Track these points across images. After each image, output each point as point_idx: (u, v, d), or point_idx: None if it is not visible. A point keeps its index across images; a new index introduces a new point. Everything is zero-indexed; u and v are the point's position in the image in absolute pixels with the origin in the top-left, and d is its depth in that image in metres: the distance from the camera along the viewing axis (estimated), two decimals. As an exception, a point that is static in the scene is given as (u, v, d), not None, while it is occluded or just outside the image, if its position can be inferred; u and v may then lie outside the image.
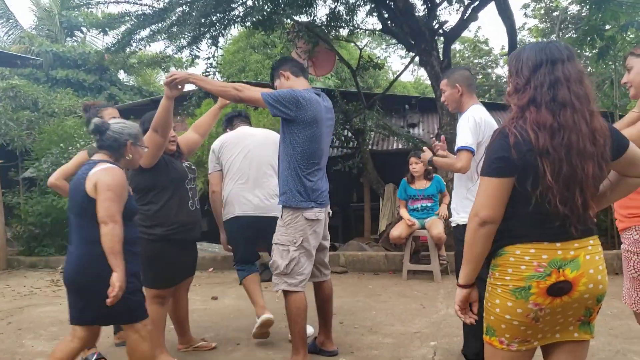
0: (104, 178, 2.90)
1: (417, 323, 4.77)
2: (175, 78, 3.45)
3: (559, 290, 1.92)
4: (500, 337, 2.03)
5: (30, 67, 16.78)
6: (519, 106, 1.97)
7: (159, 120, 3.53)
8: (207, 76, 8.79)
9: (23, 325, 5.15)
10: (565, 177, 1.88)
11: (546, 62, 1.96)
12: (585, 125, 1.90)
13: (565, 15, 20.28)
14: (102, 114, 4.13)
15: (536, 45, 2.03)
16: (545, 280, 1.91)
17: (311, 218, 3.62)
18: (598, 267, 1.97)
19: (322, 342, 4.01)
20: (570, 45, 7.84)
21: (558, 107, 1.91)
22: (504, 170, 1.92)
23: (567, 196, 1.89)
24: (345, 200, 12.48)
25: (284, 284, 3.64)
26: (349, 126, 9.43)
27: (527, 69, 1.99)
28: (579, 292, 1.94)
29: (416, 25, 8.51)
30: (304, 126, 3.55)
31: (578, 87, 1.93)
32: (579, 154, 1.89)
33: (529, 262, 1.93)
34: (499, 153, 1.93)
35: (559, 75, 1.93)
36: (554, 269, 1.91)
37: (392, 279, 6.83)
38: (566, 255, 1.93)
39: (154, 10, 8.22)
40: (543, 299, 1.92)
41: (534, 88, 1.95)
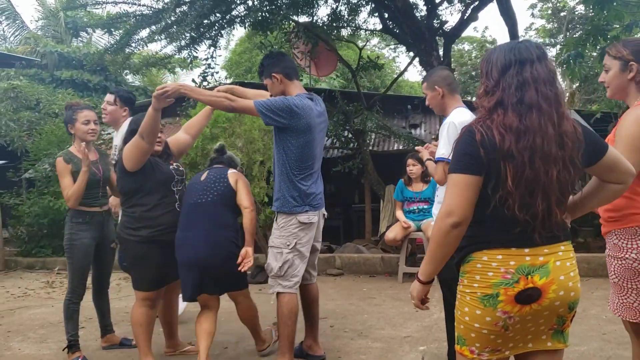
0: (242, 177, 3.90)
1: (408, 327, 4.71)
2: (166, 91, 3.42)
3: (528, 297, 1.86)
4: (470, 346, 1.97)
5: (35, 68, 16.84)
6: (487, 108, 1.90)
7: (145, 128, 3.51)
8: (205, 77, 8.78)
9: (13, 328, 5.13)
10: (528, 181, 1.82)
11: (515, 63, 1.89)
12: (552, 127, 1.83)
13: (572, 16, 20.15)
14: (77, 115, 4.12)
15: (506, 46, 1.96)
16: (513, 287, 1.85)
17: (305, 221, 3.64)
18: (569, 274, 1.91)
19: (310, 346, 3.97)
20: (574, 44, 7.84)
21: (525, 109, 1.84)
22: (473, 167, 1.85)
23: (529, 202, 1.83)
24: (347, 201, 12.44)
25: (278, 286, 3.65)
26: (349, 127, 9.35)
27: (496, 70, 1.92)
28: (549, 299, 1.87)
29: (416, 25, 8.44)
30: (297, 134, 3.54)
31: (547, 89, 1.87)
32: (543, 157, 1.82)
33: (496, 269, 1.87)
34: (466, 149, 1.87)
35: (527, 76, 1.87)
36: (521, 276, 1.85)
37: (387, 282, 6.76)
38: (535, 261, 1.86)
39: (152, 10, 8.18)
40: (511, 307, 1.86)
41: (501, 90, 1.89)
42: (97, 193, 4.15)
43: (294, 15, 8.92)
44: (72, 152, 4.16)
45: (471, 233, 1.93)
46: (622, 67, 2.50)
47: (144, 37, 8.57)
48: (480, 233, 1.92)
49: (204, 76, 8.82)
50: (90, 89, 17.47)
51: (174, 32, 8.17)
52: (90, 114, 4.20)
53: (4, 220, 9.50)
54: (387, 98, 11.11)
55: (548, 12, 21.90)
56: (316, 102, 3.74)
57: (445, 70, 3.55)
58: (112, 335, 4.47)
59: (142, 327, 3.75)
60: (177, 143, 4.13)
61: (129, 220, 3.72)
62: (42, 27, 20.31)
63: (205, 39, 8.83)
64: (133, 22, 8.30)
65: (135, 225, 3.69)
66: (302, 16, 9.33)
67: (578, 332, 4.33)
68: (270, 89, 3.75)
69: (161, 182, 3.75)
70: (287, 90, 3.70)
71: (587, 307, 5.05)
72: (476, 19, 8.85)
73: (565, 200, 1.93)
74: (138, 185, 3.68)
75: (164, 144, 3.90)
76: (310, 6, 9.07)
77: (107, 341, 4.44)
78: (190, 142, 4.34)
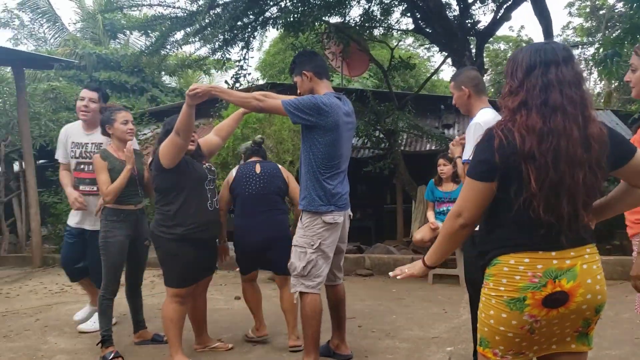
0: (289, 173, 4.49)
1: (436, 328, 4.69)
2: (197, 92, 3.50)
3: (555, 301, 1.84)
4: (494, 348, 1.97)
5: (74, 69, 17.24)
6: (511, 109, 1.90)
7: (181, 125, 3.60)
8: (237, 78, 8.88)
9: (49, 323, 5.28)
10: (553, 183, 1.80)
11: (540, 64, 1.88)
12: (577, 130, 1.82)
13: (612, 14, 19.71)
14: (116, 116, 4.21)
15: (533, 47, 1.95)
16: (540, 291, 1.84)
17: (330, 222, 3.64)
18: (596, 277, 1.89)
19: (337, 345, 3.99)
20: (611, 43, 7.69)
21: (549, 110, 1.83)
22: (485, 174, 1.88)
23: (555, 204, 1.81)
24: (379, 201, 12.43)
25: (301, 286, 3.66)
26: (381, 127, 9.34)
27: (521, 71, 1.92)
28: (577, 303, 1.86)
29: (448, 25, 8.42)
30: (325, 132, 3.56)
31: (573, 91, 1.85)
32: (568, 160, 1.80)
33: (524, 272, 1.86)
34: (482, 156, 1.89)
35: (551, 78, 1.86)
36: (549, 279, 1.84)
37: (417, 283, 6.74)
38: (562, 264, 1.85)
39: (187, 13, 8.33)
40: (538, 311, 1.85)
41: (526, 91, 1.88)
42: (132, 191, 4.24)
43: (326, 16, 8.96)
44: (108, 150, 4.26)
45: (497, 236, 1.94)
46: None
47: (179, 39, 8.76)
48: (506, 236, 1.91)
49: (236, 77, 8.94)
50: (128, 90, 17.83)
51: (207, 34, 8.31)
52: (128, 115, 4.30)
53: (42, 218, 9.76)
54: (420, 98, 11.06)
55: (586, 11, 21.49)
56: (344, 102, 3.76)
57: (473, 70, 3.54)
58: (145, 331, 4.57)
59: (173, 323, 3.84)
60: (207, 144, 4.22)
61: (163, 218, 3.82)
62: (81, 30, 20.80)
63: (238, 41, 8.95)
64: (168, 24, 8.47)
65: (169, 223, 3.78)
66: (335, 17, 9.38)
67: (610, 336, 4.26)
68: (300, 86, 3.78)
69: (195, 180, 3.84)
70: (316, 88, 3.73)
71: (620, 311, 4.96)
72: (509, 19, 8.77)
73: (591, 202, 1.90)
74: (173, 182, 3.77)
75: (197, 143, 3.99)
76: (342, 7, 9.12)
77: (139, 337, 4.54)
78: (221, 143, 4.42)
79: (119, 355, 4.08)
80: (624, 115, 11.93)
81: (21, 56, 9.87)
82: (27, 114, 9.54)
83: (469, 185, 1.93)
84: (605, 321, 4.63)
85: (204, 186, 3.90)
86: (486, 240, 1.97)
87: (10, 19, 19.79)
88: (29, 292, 7.05)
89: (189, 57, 10.28)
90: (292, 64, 3.85)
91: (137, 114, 11.17)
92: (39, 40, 20.64)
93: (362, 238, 10.34)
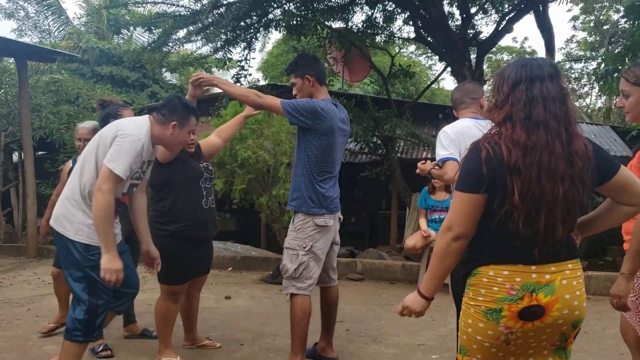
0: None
1: (423, 335, 4.73)
2: (200, 79, 3.54)
3: (532, 314, 1.87)
4: (472, 357, 2.00)
5: (77, 63, 17.28)
6: (496, 122, 1.94)
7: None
8: (238, 78, 8.93)
9: (41, 313, 5.32)
10: (534, 197, 1.83)
11: (525, 79, 1.92)
12: (560, 145, 1.85)
13: (615, 29, 19.81)
14: (122, 112, 4.20)
15: (520, 62, 1.99)
16: (517, 304, 1.86)
17: (321, 224, 3.67)
18: (575, 293, 1.91)
19: (323, 348, 4.02)
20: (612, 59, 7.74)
21: (532, 125, 1.86)
22: (474, 186, 1.90)
23: (534, 217, 1.84)
24: (374, 207, 12.48)
25: (292, 288, 3.69)
26: (379, 133, 9.40)
27: (507, 85, 1.96)
28: (553, 317, 1.89)
29: (449, 35, 8.47)
30: (320, 135, 3.61)
31: (557, 107, 1.88)
32: (550, 174, 1.83)
33: (502, 284, 1.89)
34: (469, 168, 1.92)
35: (535, 93, 1.89)
36: (526, 293, 1.86)
37: (407, 289, 6.77)
38: (541, 278, 1.87)
39: (190, 11, 8.39)
40: (514, 323, 1.88)
41: (510, 105, 1.92)
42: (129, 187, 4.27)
43: (328, 20, 9.03)
44: None
45: (478, 247, 1.97)
46: None
47: (181, 37, 8.81)
48: (487, 248, 1.95)
49: (237, 77, 8.98)
50: (129, 85, 17.85)
51: (210, 33, 8.36)
52: (131, 113, 4.32)
53: (39, 209, 9.79)
54: (418, 106, 11.12)
55: (590, 25, 21.59)
56: (340, 109, 3.81)
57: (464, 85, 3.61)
58: (134, 325, 4.61)
59: (165, 320, 3.87)
60: (208, 145, 4.24)
61: (157, 215, 3.84)
62: (85, 24, 20.83)
63: (240, 41, 9.00)
64: (171, 22, 8.52)
65: (163, 220, 3.79)
66: (337, 22, 9.45)
67: (595, 351, 4.30)
68: (299, 89, 3.77)
69: (190, 177, 3.85)
70: (315, 94, 3.75)
71: (607, 327, 5.00)
72: (511, 31, 8.85)
73: (571, 218, 1.91)
74: (168, 178, 3.77)
75: (196, 144, 4.02)
76: (345, 12, 9.18)
77: (129, 330, 4.58)
78: (222, 145, 4.42)
79: (108, 348, 4.12)
80: (622, 131, 11.97)
81: (25, 48, 9.93)
82: (29, 106, 9.59)
83: (458, 198, 1.94)
84: (591, 336, 4.68)
85: (200, 184, 3.90)
86: (468, 251, 2.00)
87: (16, 10, 19.80)
88: (22, 282, 7.09)
89: (191, 55, 10.34)
90: (294, 64, 3.82)
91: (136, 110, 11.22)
92: (43, 33, 20.66)
93: (357, 243, 10.39)
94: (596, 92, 21.37)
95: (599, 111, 21.77)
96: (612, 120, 17.40)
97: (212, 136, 4.37)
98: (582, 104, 23.47)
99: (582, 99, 23.69)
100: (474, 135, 2.66)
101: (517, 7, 8.94)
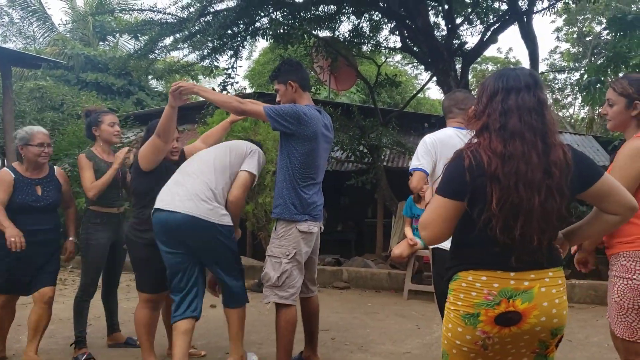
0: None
1: (408, 344, 4.74)
2: (180, 86, 3.53)
3: (508, 320, 1.90)
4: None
5: (62, 69, 17.20)
6: (475, 132, 1.98)
7: (162, 127, 3.60)
8: (225, 86, 8.93)
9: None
10: (513, 205, 1.86)
11: (501, 90, 1.96)
12: (536, 156, 1.87)
13: (598, 41, 20.11)
14: (103, 118, 4.24)
15: (499, 73, 2.03)
16: (493, 309, 1.90)
17: (305, 231, 3.64)
18: (553, 300, 1.93)
19: (308, 356, 4.01)
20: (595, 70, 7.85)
21: (508, 135, 1.89)
22: (455, 193, 1.93)
23: (511, 225, 1.87)
24: (360, 215, 12.50)
25: (274, 297, 3.64)
26: (365, 142, 9.43)
27: (485, 96, 2.00)
28: (530, 324, 1.91)
29: (435, 45, 8.55)
30: (303, 141, 3.58)
31: (533, 118, 1.91)
32: (527, 184, 1.86)
33: (480, 289, 1.92)
34: (452, 175, 1.95)
35: (511, 104, 1.92)
36: (503, 299, 1.90)
37: (392, 298, 6.80)
38: (519, 285, 1.90)
39: (177, 19, 8.38)
40: (491, 328, 1.91)
41: (487, 115, 1.95)
42: (114, 194, 4.26)
43: (315, 29, 9.07)
44: (93, 151, 4.27)
45: (459, 254, 2.01)
46: (628, 105, 2.57)
47: (168, 44, 8.79)
48: (467, 254, 1.98)
49: (224, 85, 8.98)
50: (114, 92, 17.79)
51: (196, 41, 8.35)
52: (115, 118, 4.34)
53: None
54: (405, 115, 11.19)
55: (573, 36, 21.88)
56: (323, 115, 3.81)
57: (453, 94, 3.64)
58: (118, 334, 4.57)
59: (145, 328, 3.84)
60: (193, 152, 4.22)
61: (137, 222, 3.81)
62: (71, 30, 20.77)
63: (227, 49, 9.02)
64: (158, 29, 8.51)
65: (143, 227, 3.76)
66: (324, 31, 9.50)
67: (579, 359, 4.34)
68: (282, 95, 3.78)
69: None
70: (298, 100, 3.75)
71: (590, 335, 5.05)
72: (496, 41, 8.94)
73: (550, 227, 1.92)
74: (150, 187, 3.74)
75: (181, 152, 4.01)
76: (332, 21, 9.24)
77: (112, 339, 4.54)
78: None
79: (92, 357, 4.09)
80: (605, 141, 12.11)
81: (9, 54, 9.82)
82: (13, 112, 9.49)
83: (437, 202, 1.98)
84: (575, 344, 4.72)
85: None
86: (451, 257, 2.04)
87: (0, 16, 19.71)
88: None
89: (177, 62, 10.33)
90: (277, 71, 3.83)
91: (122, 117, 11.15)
92: (28, 39, 20.57)
93: (343, 251, 10.38)
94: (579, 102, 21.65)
95: (582, 121, 22.03)
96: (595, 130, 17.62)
97: (197, 142, 4.35)
98: (566, 114, 23.76)
99: (565, 109, 23.99)
100: (455, 145, 2.72)
101: (501, 18, 9.06)
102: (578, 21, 21.18)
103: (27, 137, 3.93)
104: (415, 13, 8.39)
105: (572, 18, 20.64)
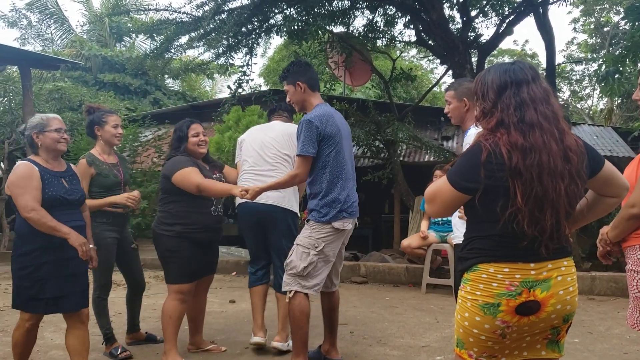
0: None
1: (427, 337, 4.74)
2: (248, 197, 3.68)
3: (528, 309, 1.93)
4: (469, 350, 2.05)
5: (79, 70, 17.39)
6: (489, 129, 1.97)
7: (209, 191, 3.83)
8: (240, 84, 8.97)
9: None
10: (537, 197, 1.87)
11: (511, 84, 1.96)
12: (555, 144, 1.89)
13: (616, 31, 19.84)
14: (107, 118, 4.22)
15: (500, 67, 2.03)
16: (515, 299, 1.92)
17: (339, 228, 3.67)
18: (568, 289, 1.98)
19: (327, 350, 4.03)
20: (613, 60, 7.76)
21: (527, 127, 1.90)
22: (464, 189, 1.96)
23: (538, 217, 1.88)
24: (377, 210, 12.48)
25: (297, 285, 3.65)
26: (381, 137, 9.43)
27: (492, 92, 1.99)
28: (547, 312, 1.94)
29: (450, 38, 8.50)
30: (327, 140, 3.63)
31: (545, 107, 1.94)
32: (551, 173, 1.87)
33: (501, 280, 1.94)
34: (466, 167, 1.95)
35: (524, 96, 1.94)
36: (525, 289, 1.92)
37: (410, 292, 6.80)
38: (538, 275, 1.93)
39: (192, 18, 8.44)
40: (511, 317, 1.93)
41: (500, 111, 1.95)
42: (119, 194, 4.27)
43: (329, 25, 9.07)
44: (94, 154, 4.21)
45: (479, 246, 2.00)
46: None
47: (183, 43, 8.85)
48: (488, 247, 1.98)
49: (239, 83, 9.02)
50: (131, 92, 17.97)
51: (211, 39, 8.41)
52: (119, 119, 4.31)
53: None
54: (420, 109, 11.15)
55: (591, 27, 21.61)
56: (335, 111, 3.85)
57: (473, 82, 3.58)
58: (138, 333, 4.60)
59: (172, 320, 3.87)
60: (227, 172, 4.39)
61: (165, 216, 3.93)
62: (88, 32, 21.00)
63: (242, 47, 9.05)
64: (173, 28, 8.56)
65: (170, 221, 3.89)
66: (338, 26, 9.48)
67: (599, 351, 4.31)
68: (291, 95, 3.83)
69: None
70: (308, 100, 3.80)
71: (611, 326, 5.01)
72: (511, 33, 8.86)
73: (573, 212, 1.98)
74: (180, 189, 3.87)
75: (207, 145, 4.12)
76: (346, 17, 9.22)
77: (132, 338, 4.57)
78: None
79: (126, 350, 4.15)
80: (624, 132, 12.00)
81: (28, 56, 10.00)
82: (32, 113, 9.62)
83: (446, 188, 2.01)
84: (595, 336, 4.69)
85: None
86: (469, 247, 2.04)
87: (19, 19, 19.96)
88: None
89: (193, 61, 10.39)
90: (286, 72, 3.88)
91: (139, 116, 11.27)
92: (46, 41, 20.83)
93: (360, 246, 10.39)
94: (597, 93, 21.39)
95: (600, 113, 21.78)
96: (614, 121, 17.43)
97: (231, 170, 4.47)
98: (584, 105, 23.49)
99: (583, 100, 23.71)
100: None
101: (517, 9, 8.99)
102: (595, 11, 20.88)
103: (43, 122, 3.38)
104: (430, 6, 8.35)
105: (589, 8, 20.38)
